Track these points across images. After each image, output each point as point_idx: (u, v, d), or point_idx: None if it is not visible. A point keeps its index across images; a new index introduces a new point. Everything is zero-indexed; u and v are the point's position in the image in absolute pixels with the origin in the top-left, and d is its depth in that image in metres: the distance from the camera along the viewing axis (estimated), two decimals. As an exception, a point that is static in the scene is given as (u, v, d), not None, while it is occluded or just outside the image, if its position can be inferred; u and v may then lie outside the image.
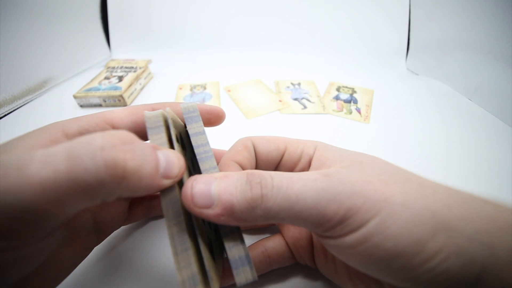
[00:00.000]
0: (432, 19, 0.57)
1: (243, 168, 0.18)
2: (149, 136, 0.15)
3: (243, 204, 0.12)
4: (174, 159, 0.13)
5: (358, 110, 0.42)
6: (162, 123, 0.15)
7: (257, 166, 0.19)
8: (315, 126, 0.39)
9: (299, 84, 0.49)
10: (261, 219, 0.13)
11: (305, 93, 0.46)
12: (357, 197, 0.12)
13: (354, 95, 0.46)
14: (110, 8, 0.61)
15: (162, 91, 0.48)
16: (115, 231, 0.24)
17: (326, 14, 0.61)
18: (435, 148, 0.35)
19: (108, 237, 0.23)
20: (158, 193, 0.13)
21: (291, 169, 0.19)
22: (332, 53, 0.61)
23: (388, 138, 0.36)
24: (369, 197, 0.12)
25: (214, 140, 0.33)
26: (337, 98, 0.45)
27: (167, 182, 0.13)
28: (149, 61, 0.52)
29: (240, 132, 0.38)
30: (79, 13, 0.56)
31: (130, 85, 0.44)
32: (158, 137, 0.15)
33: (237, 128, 0.39)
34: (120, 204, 0.20)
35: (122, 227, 0.24)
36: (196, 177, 0.13)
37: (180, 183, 0.15)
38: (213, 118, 0.19)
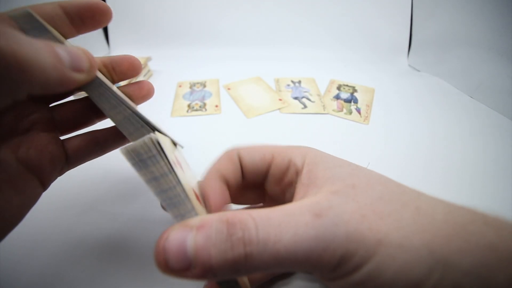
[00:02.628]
0: (435, 15, 0.56)
1: (227, 182, 0.17)
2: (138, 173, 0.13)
3: (225, 266, 0.11)
4: (78, 52, 0.13)
5: (358, 110, 0.41)
6: (38, 23, 0.14)
7: (244, 178, 0.18)
8: (315, 127, 0.39)
9: (299, 82, 0.49)
10: (246, 275, 0.12)
11: (305, 91, 0.46)
12: (350, 242, 0.11)
13: (355, 94, 0.45)
14: (108, 5, 0.60)
15: (161, 89, 0.48)
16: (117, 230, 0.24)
17: (327, 9, 0.60)
18: (437, 148, 0.35)
19: (112, 236, 0.23)
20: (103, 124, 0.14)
21: (280, 179, 0.18)
22: (333, 49, 0.60)
23: (387, 140, 0.36)
24: (363, 240, 0.11)
25: (214, 140, 0.33)
26: (337, 97, 0.45)
27: (80, 76, 0.13)
28: (148, 58, 0.51)
29: (240, 132, 0.38)
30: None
31: (129, 83, 0.44)
32: (45, 38, 0.13)
33: (237, 127, 0.38)
34: (43, 137, 0.17)
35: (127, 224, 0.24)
36: (168, 234, 0.11)
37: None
38: (95, 14, 0.17)
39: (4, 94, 0.11)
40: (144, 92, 0.21)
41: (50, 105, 0.19)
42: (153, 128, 0.17)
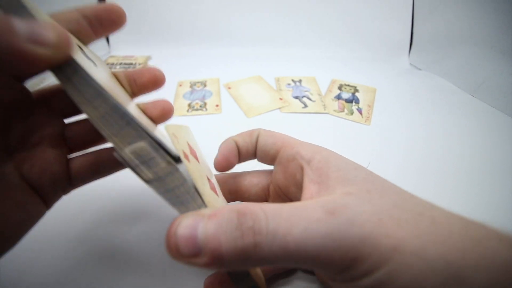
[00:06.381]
0: (436, 13, 0.56)
1: (239, 148, 0.19)
2: None
3: (234, 254, 0.11)
4: (40, 23, 0.11)
5: (360, 111, 0.41)
6: (18, 2, 0.11)
7: (257, 156, 0.20)
8: (316, 127, 0.38)
9: (300, 81, 0.48)
10: (255, 267, 0.12)
11: (306, 91, 0.46)
12: (364, 246, 0.11)
13: (356, 94, 0.45)
14: (108, 3, 0.60)
15: (162, 88, 0.48)
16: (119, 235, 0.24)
17: (327, 8, 0.60)
18: (438, 148, 0.34)
19: (113, 238, 0.23)
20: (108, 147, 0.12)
21: (286, 168, 0.18)
22: (333, 48, 0.60)
23: (389, 141, 0.36)
24: (378, 245, 0.11)
25: (214, 140, 0.33)
26: (338, 97, 0.44)
27: (44, 51, 0.10)
28: (148, 58, 0.51)
29: (241, 131, 0.37)
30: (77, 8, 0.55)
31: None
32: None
33: (237, 126, 0.38)
34: (49, 154, 0.17)
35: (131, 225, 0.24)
36: (180, 220, 0.11)
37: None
38: (113, 16, 0.16)
39: None
40: (157, 112, 0.18)
41: (66, 122, 0.18)
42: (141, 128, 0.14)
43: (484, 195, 0.29)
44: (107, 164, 0.19)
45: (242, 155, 0.20)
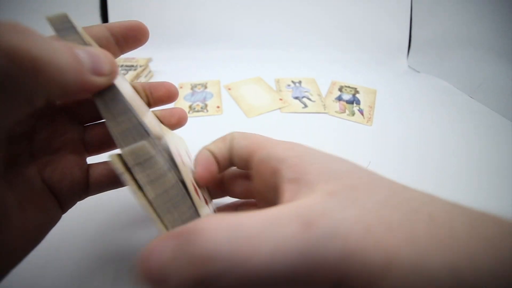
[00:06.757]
0: (434, 15, 0.56)
1: (214, 156, 0.18)
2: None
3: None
4: (98, 53, 0.12)
5: (361, 112, 0.41)
6: (70, 24, 0.13)
7: (232, 160, 0.18)
8: (316, 127, 0.39)
9: (299, 82, 0.49)
10: None
11: (305, 91, 0.46)
12: (350, 263, 0.09)
13: (357, 95, 0.46)
14: (110, 6, 0.60)
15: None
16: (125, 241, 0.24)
17: (326, 11, 0.60)
18: (437, 149, 0.35)
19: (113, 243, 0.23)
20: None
21: (260, 171, 0.16)
22: (332, 50, 0.60)
23: (391, 141, 0.36)
24: (368, 260, 0.09)
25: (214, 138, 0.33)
26: (339, 98, 0.45)
27: (100, 80, 0.12)
28: (149, 60, 0.51)
29: (241, 131, 0.38)
30: (78, 10, 0.56)
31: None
32: (71, 39, 0.13)
33: (238, 127, 0.38)
34: (70, 159, 0.17)
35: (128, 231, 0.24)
36: (147, 246, 0.10)
37: None
38: (138, 35, 0.17)
39: (19, 99, 0.10)
40: (174, 120, 0.20)
41: (85, 125, 0.19)
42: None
43: (482, 196, 0.29)
44: None
45: (220, 164, 0.18)
